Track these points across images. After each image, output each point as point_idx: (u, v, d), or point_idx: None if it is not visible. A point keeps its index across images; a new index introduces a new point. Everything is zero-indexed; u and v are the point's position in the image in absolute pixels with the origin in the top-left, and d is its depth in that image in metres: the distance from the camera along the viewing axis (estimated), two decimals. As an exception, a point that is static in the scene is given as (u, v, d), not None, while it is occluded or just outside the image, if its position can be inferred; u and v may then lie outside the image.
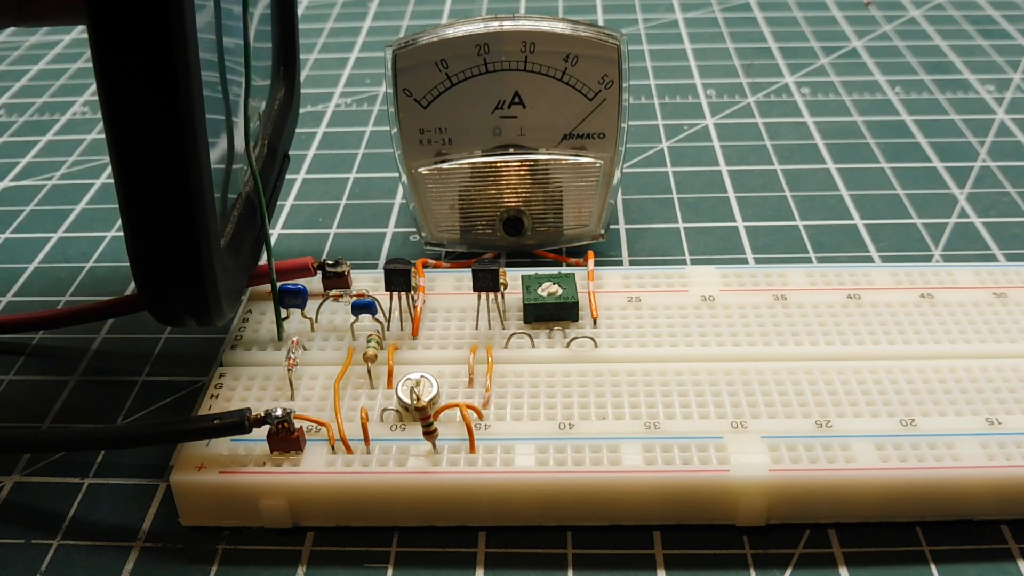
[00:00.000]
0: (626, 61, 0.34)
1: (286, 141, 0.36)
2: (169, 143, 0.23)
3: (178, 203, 0.24)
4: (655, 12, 0.63)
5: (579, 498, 0.27)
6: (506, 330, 0.32)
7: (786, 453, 0.27)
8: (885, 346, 0.31)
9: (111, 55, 0.22)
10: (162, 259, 0.24)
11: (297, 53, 0.37)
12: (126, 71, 0.22)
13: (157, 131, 0.23)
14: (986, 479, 0.26)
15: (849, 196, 0.42)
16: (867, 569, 0.26)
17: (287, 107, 0.36)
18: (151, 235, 0.24)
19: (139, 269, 0.25)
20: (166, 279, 0.25)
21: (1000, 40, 0.57)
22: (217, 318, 0.26)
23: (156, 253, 0.24)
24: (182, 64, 0.22)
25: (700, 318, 0.32)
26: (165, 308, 0.26)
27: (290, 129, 0.37)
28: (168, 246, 0.24)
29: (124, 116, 0.22)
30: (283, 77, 0.36)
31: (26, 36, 0.63)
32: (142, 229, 0.24)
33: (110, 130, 0.22)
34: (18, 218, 0.43)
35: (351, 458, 0.27)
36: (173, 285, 0.25)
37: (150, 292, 0.25)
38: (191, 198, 0.23)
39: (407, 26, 0.62)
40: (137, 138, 0.23)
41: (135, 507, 0.29)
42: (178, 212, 0.24)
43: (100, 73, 0.22)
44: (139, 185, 0.23)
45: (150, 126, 0.22)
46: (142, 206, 0.24)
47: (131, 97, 0.22)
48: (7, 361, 0.34)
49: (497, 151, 0.36)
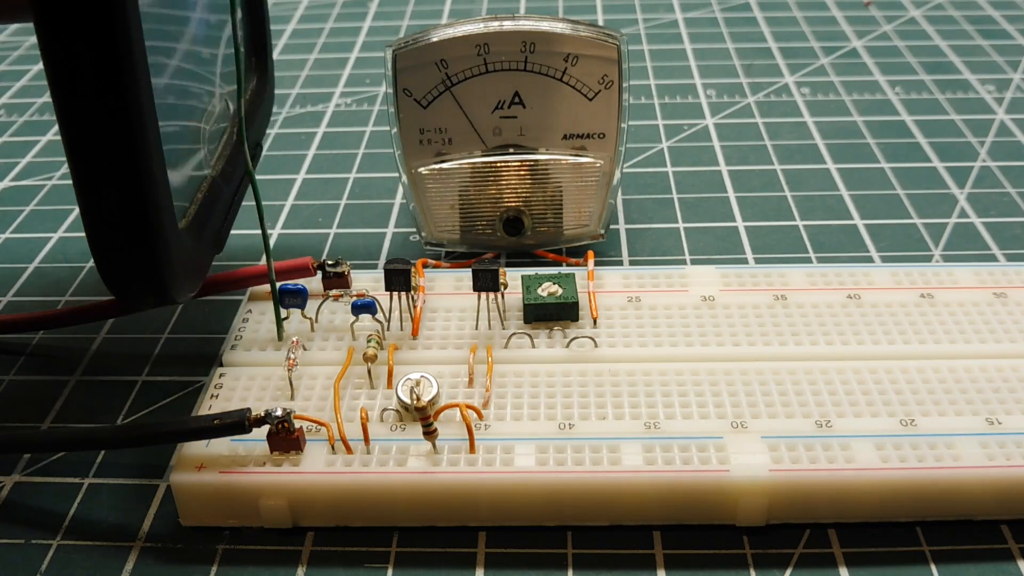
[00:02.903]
0: (626, 61, 0.34)
1: (258, 130, 0.36)
2: (114, 124, 0.23)
3: (126, 184, 0.24)
4: (655, 12, 0.63)
5: (579, 498, 0.27)
6: (506, 330, 0.32)
7: (786, 453, 0.27)
8: (885, 346, 0.31)
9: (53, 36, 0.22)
10: (115, 238, 0.25)
11: (269, 42, 0.37)
12: (69, 54, 0.22)
13: (102, 112, 0.23)
14: (986, 479, 0.26)
15: (849, 196, 0.42)
16: (867, 569, 0.26)
17: (259, 96, 0.36)
18: (103, 214, 0.24)
19: (95, 248, 0.25)
20: (120, 258, 0.25)
21: (1000, 40, 0.57)
22: (176, 296, 0.26)
23: (109, 232, 0.24)
24: (124, 46, 0.22)
25: (700, 318, 0.32)
26: (122, 286, 0.26)
27: (263, 119, 0.37)
28: (119, 226, 0.24)
29: (70, 95, 0.23)
30: (254, 67, 0.36)
31: (26, 36, 0.63)
32: (94, 209, 0.24)
33: (58, 110, 0.23)
34: (18, 218, 0.43)
35: (351, 458, 0.27)
36: (127, 264, 0.25)
37: (106, 270, 0.25)
38: (140, 179, 0.24)
39: (407, 26, 0.62)
40: (83, 118, 0.23)
41: (135, 507, 0.29)
42: (127, 192, 0.24)
43: (44, 54, 0.22)
44: (88, 165, 0.23)
45: (95, 108, 0.23)
46: (92, 187, 0.24)
47: (76, 78, 0.22)
48: (7, 361, 0.34)
49: (497, 151, 0.36)
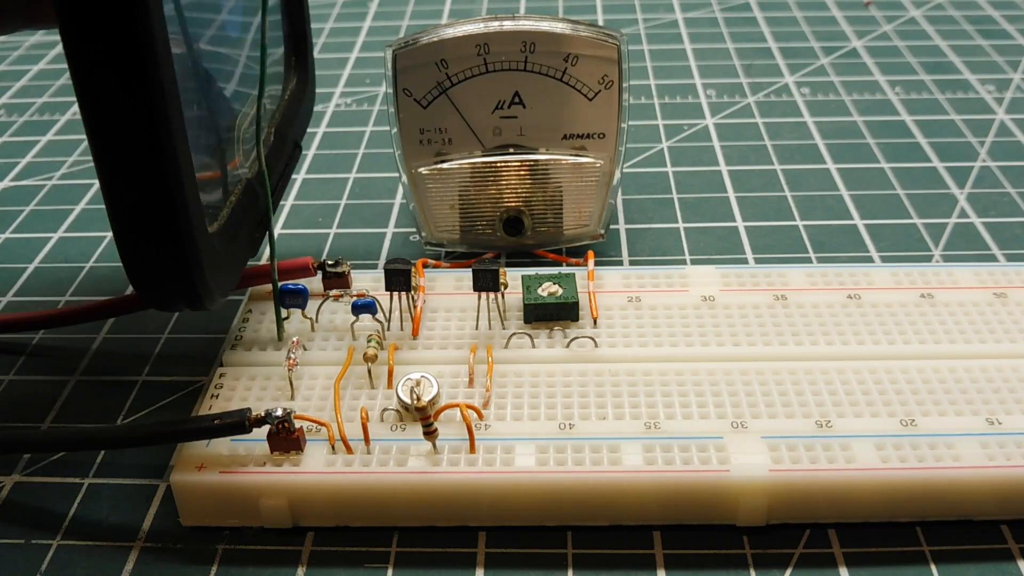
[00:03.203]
0: (626, 61, 0.34)
1: (297, 130, 0.36)
2: (141, 130, 0.23)
3: (154, 189, 0.24)
4: (655, 12, 0.63)
5: (579, 498, 0.27)
6: (506, 330, 0.32)
7: (786, 453, 0.27)
8: (885, 346, 0.31)
9: (80, 42, 0.22)
10: (144, 244, 0.24)
11: (310, 43, 0.37)
12: (95, 59, 0.22)
13: (129, 118, 0.23)
14: (986, 479, 0.26)
15: (849, 196, 0.42)
16: (867, 569, 0.26)
17: (299, 97, 0.36)
18: (132, 220, 0.24)
19: (125, 256, 0.25)
20: (150, 264, 0.25)
21: (1000, 40, 0.57)
22: (208, 303, 0.26)
23: (138, 238, 0.24)
24: (150, 53, 0.22)
25: (700, 318, 0.32)
26: (154, 293, 0.26)
27: (303, 119, 0.37)
28: (148, 231, 0.24)
29: (97, 101, 0.22)
30: (295, 67, 0.36)
31: (26, 36, 0.63)
32: (123, 216, 0.24)
33: (85, 115, 0.23)
34: (18, 218, 0.43)
35: (351, 458, 0.27)
36: (158, 270, 0.25)
37: (137, 278, 0.25)
38: (168, 184, 0.23)
39: (407, 26, 0.62)
40: (111, 124, 0.23)
41: (135, 507, 0.29)
42: (155, 198, 0.24)
43: (70, 60, 0.22)
44: (116, 171, 0.23)
45: (122, 114, 0.23)
46: (121, 192, 0.24)
47: (102, 84, 0.22)
48: (7, 361, 0.34)
49: (497, 151, 0.36)
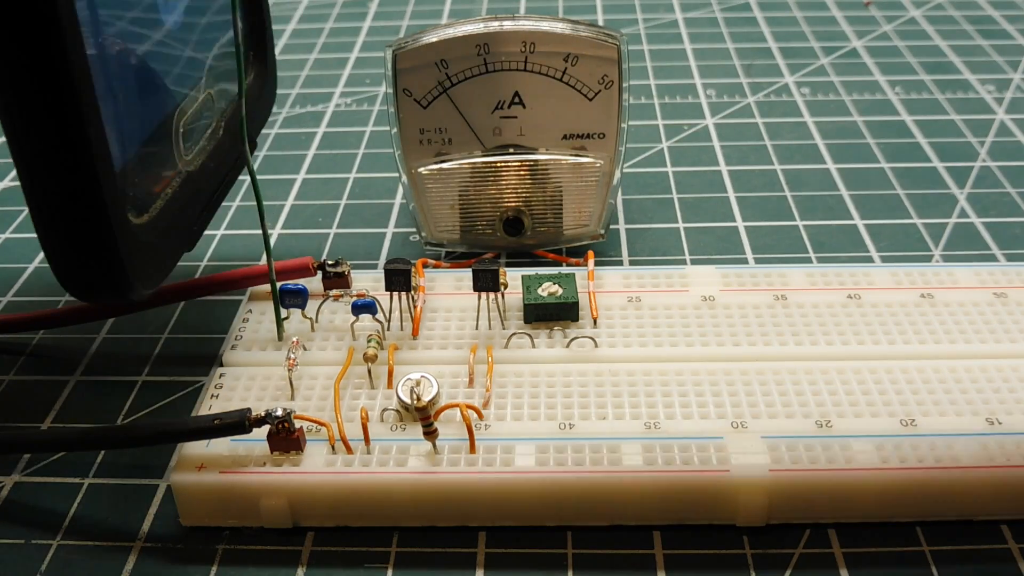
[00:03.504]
0: (626, 61, 0.34)
1: (255, 127, 0.35)
2: (53, 120, 0.23)
3: (69, 179, 0.24)
4: (655, 12, 0.63)
5: (579, 498, 0.27)
6: (506, 330, 0.32)
7: (786, 453, 0.27)
8: (885, 346, 0.31)
9: None
10: (61, 234, 0.24)
11: (269, 39, 0.37)
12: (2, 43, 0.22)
13: (41, 106, 0.23)
14: (986, 479, 0.26)
15: (849, 196, 0.42)
16: (867, 569, 0.26)
17: (256, 93, 0.36)
18: (49, 210, 0.24)
19: (45, 244, 0.25)
20: (69, 255, 0.25)
21: (1000, 40, 0.57)
22: (131, 294, 0.26)
23: (55, 228, 0.24)
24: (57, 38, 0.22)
25: (700, 318, 0.32)
26: (75, 284, 0.25)
27: (261, 115, 0.36)
28: (64, 222, 0.24)
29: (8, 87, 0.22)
30: (253, 62, 0.36)
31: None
32: (41, 205, 0.24)
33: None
34: (18, 218, 0.43)
35: (351, 458, 0.27)
36: (76, 261, 0.25)
37: (59, 270, 0.25)
38: (82, 174, 0.23)
39: (407, 26, 0.62)
40: (23, 112, 0.23)
41: (135, 507, 0.29)
42: (70, 188, 0.24)
43: None
44: (31, 161, 0.23)
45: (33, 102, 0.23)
46: (36, 183, 0.24)
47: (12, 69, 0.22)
48: (7, 361, 0.34)
49: (497, 151, 0.36)
